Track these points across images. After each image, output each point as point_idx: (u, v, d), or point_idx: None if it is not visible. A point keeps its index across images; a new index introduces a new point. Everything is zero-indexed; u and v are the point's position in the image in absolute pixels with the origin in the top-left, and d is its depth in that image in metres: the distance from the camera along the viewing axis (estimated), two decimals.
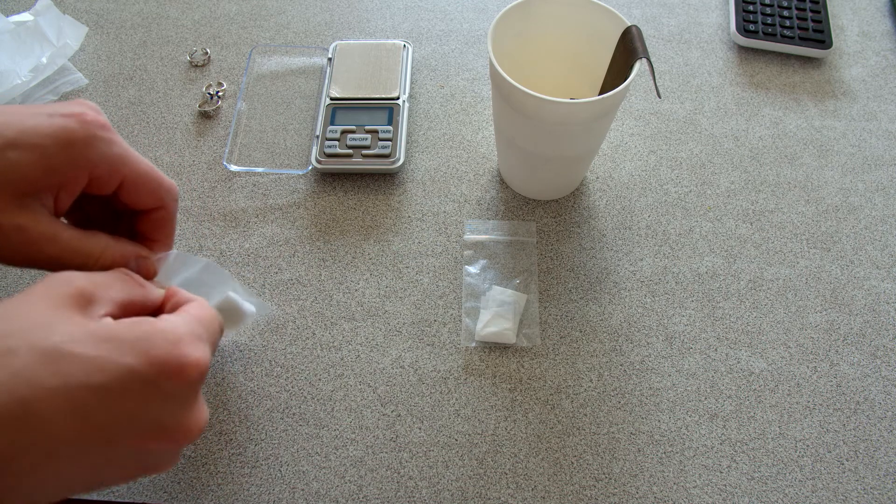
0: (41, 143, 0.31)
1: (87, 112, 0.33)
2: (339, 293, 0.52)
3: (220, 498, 0.44)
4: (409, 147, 0.59)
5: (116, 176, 0.35)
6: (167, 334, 0.29)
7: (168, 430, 0.30)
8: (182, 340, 0.30)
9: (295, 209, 0.56)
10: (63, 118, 0.32)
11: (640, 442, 0.46)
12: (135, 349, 0.28)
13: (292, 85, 0.63)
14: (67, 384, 0.26)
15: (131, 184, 0.35)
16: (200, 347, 0.30)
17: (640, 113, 0.62)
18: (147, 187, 0.36)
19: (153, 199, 0.37)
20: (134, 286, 0.33)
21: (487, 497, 0.44)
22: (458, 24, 0.68)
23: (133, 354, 0.28)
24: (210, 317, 0.33)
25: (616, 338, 0.50)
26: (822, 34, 0.65)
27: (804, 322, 0.51)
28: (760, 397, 0.47)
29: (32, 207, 0.32)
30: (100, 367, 0.27)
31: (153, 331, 0.29)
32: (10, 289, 0.52)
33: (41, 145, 0.31)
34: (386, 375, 0.48)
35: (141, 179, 0.36)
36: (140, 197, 0.36)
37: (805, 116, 0.62)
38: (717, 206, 0.56)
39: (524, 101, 0.44)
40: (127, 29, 0.67)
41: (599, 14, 0.49)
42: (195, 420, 0.31)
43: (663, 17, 0.69)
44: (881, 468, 0.45)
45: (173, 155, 0.59)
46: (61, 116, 0.32)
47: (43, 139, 0.32)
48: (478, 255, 0.53)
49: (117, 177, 0.35)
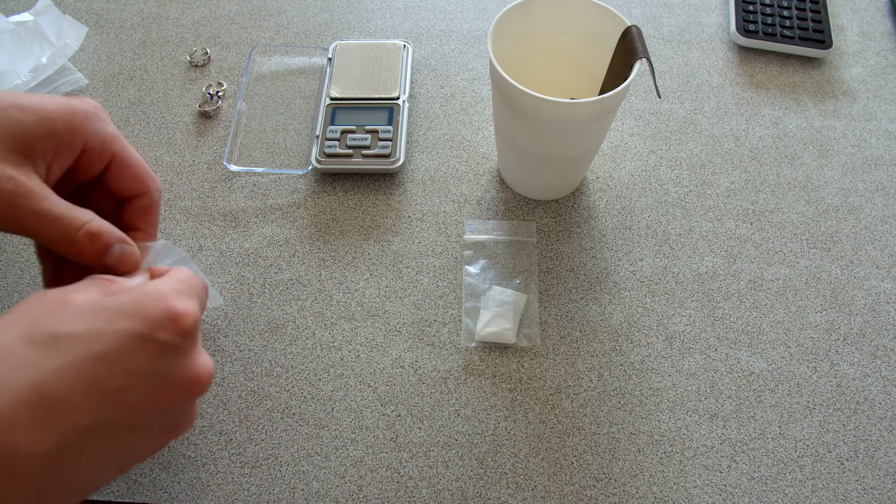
0: (44, 107, 0.33)
1: (88, 99, 0.36)
2: (339, 293, 0.52)
3: (220, 498, 0.44)
4: (409, 147, 0.59)
5: (107, 152, 0.36)
6: (153, 294, 0.31)
7: (178, 382, 0.31)
8: (168, 296, 0.31)
9: (295, 209, 0.56)
10: (69, 98, 0.35)
11: (640, 442, 0.46)
12: (126, 313, 0.29)
13: (292, 85, 0.63)
14: (71, 360, 0.27)
15: (118, 165, 0.37)
16: (187, 300, 0.32)
17: (640, 113, 0.62)
18: (133, 171, 0.37)
19: (138, 184, 0.38)
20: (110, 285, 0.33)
21: (487, 497, 0.44)
22: (458, 24, 0.68)
23: (126, 318, 0.29)
24: (190, 276, 0.34)
25: (616, 338, 0.50)
26: (822, 34, 0.65)
27: (804, 322, 0.51)
28: (760, 397, 0.47)
29: (25, 166, 0.32)
30: (97, 337, 0.28)
31: (139, 293, 0.31)
32: (10, 288, 0.52)
33: (44, 109, 0.33)
34: (386, 375, 0.48)
35: (128, 162, 0.37)
36: (126, 181, 0.37)
37: (805, 116, 0.62)
38: (717, 206, 0.56)
39: (524, 101, 0.44)
40: (127, 29, 0.67)
41: (599, 14, 0.49)
42: (200, 367, 0.32)
43: (663, 17, 0.69)
44: (881, 468, 0.45)
45: (173, 155, 0.59)
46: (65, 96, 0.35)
47: (46, 104, 0.34)
48: (478, 255, 0.53)
49: (107, 153, 0.36)
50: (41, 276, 0.38)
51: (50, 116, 0.33)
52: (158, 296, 0.31)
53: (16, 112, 0.32)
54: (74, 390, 0.27)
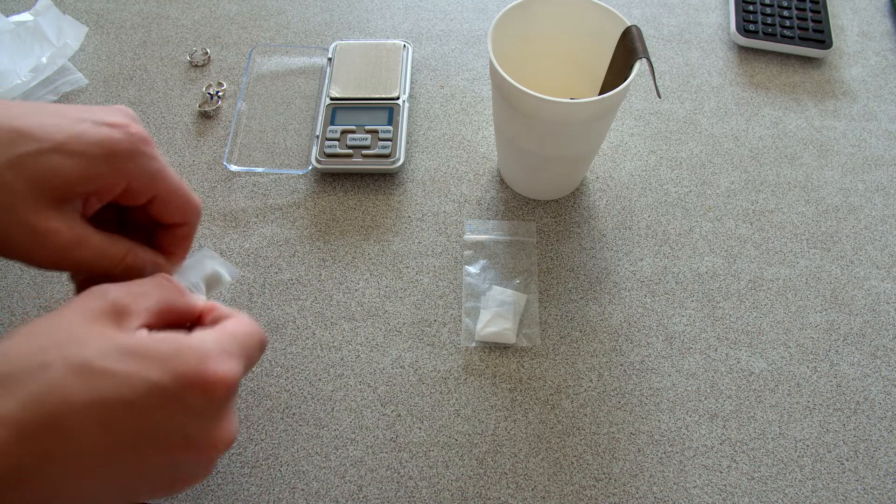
0: (86, 150, 0.32)
1: (132, 124, 0.34)
2: (339, 293, 0.52)
3: (220, 498, 0.44)
4: (409, 147, 0.59)
5: (151, 190, 0.35)
6: (195, 350, 0.30)
7: (195, 443, 0.30)
8: (209, 356, 0.30)
9: (295, 209, 0.56)
10: (109, 128, 0.33)
11: (640, 442, 0.46)
12: (161, 364, 0.29)
13: (292, 85, 0.63)
14: (97, 399, 0.27)
15: (162, 200, 0.36)
16: (229, 364, 0.30)
17: (640, 113, 0.62)
18: (176, 204, 0.36)
19: (180, 215, 0.37)
20: (172, 292, 0.33)
21: (487, 497, 0.44)
22: (458, 24, 0.68)
23: (159, 370, 0.28)
24: (245, 332, 0.33)
25: (616, 338, 0.50)
26: (822, 34, 0.65)
27: (804, 322, 0.51)
28: (760, 397, 0.47)
29: (66, 211, 0.32)
30: (127, 381, 0.28)
31: (181, 346, 0.30)
32: (10, 288, 0.52)
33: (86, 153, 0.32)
34: (386, 375, 0.48)
35: (172, 196, 0.36)
36: (168, 212, 0.37)
37: (805, 116, 0.62)
38: (717, 206, 0.56)
39: (524, 101, 0.44)
40: (127, 29, 0.67)
41: (599, 14, 0.49)
42: (223, 434, 0.31)
43: (663, 17, 0.69)
44: (881, 468, 0.45)
45: (173, 155, 0.59)
46: (107, 126, 0.33)
47: (88, 147, 0.32)
48: (478, 255, 0.53)
49: (151, 191, 0.35)
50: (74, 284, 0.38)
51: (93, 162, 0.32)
52: (201, 353, 0.30)
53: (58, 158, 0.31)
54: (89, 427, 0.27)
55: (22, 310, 0.51)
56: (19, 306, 0.51)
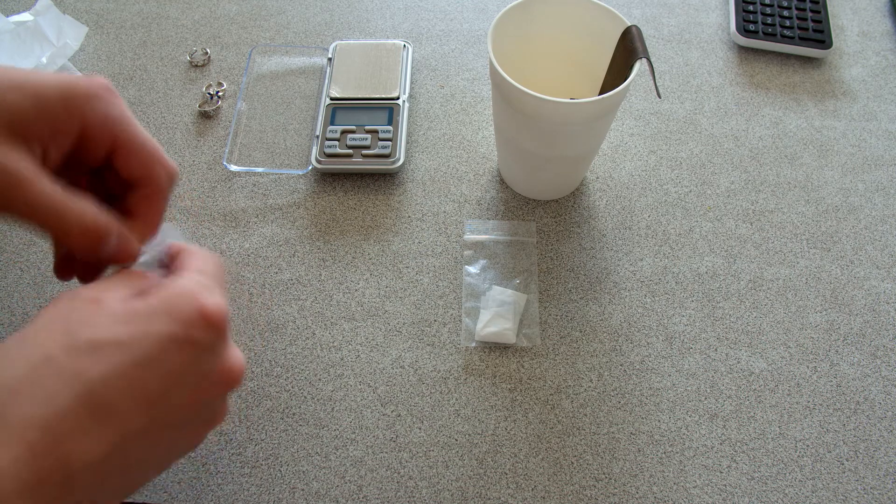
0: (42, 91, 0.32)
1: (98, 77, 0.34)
2: (339, 293, 0.52)
3: (220, 498, 0.44)
4: (409, 147, 0.59)
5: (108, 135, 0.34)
6: (183, 293, 0.31)
7: (215, 377, 0.32)
8: (197, 294, 0.31)
9: (295, 209, 0.56)
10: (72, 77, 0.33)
11: (640, 442, 0.46)
12: (160, 316, 0.30)
13: (292, 85, 0.63)
14: (114, 367, 0.28)
15: (123, 148, 0.35)
16: (214, 294, 0.32)
17: (640, 113, 0.62)
18: (138, 155, 0.35)
19: (143, 169, 0.35)
20: (139, 280, 0.33)
21: (487, 497, 0.44)
22: (458, 24, 0.68)
23: (161, 321, 0.29)
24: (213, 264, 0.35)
25: (616, 338, 0.50)
26: (822, 34, 0.65)
27: (804, 322, 0.51)
28: (760, 397, 0.47)
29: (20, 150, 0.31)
30: (137, 342, 0.29)
31: (170, 295, 0.31)
32: (10, 289, 0.52)
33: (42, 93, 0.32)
34: (386, 375, 0.48)
35: (134, 145, 0.35)
36: (130, 166, 0.35)
37: (805, 116, 0.62)
38: (717, 206, 0.56)
39: (524, 101, 0.44)
40: (127, 29, 0.67)
41: (599, 14, 0.49)
42: (234, 360, 0.33)
43: (663, 17, 0.69)
44: (881, 468, 0.45)
45: (173, 155, 0.59)
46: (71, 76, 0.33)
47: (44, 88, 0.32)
48: (478, 255, 0.53)
49: (109, 137, 0.34)
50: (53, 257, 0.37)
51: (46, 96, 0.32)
52: (188, 295, 0.31)
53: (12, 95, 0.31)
54: (121, 396, 0.28)
55: (22, 310, 0.51)
56: (19, 306, 0.51)
